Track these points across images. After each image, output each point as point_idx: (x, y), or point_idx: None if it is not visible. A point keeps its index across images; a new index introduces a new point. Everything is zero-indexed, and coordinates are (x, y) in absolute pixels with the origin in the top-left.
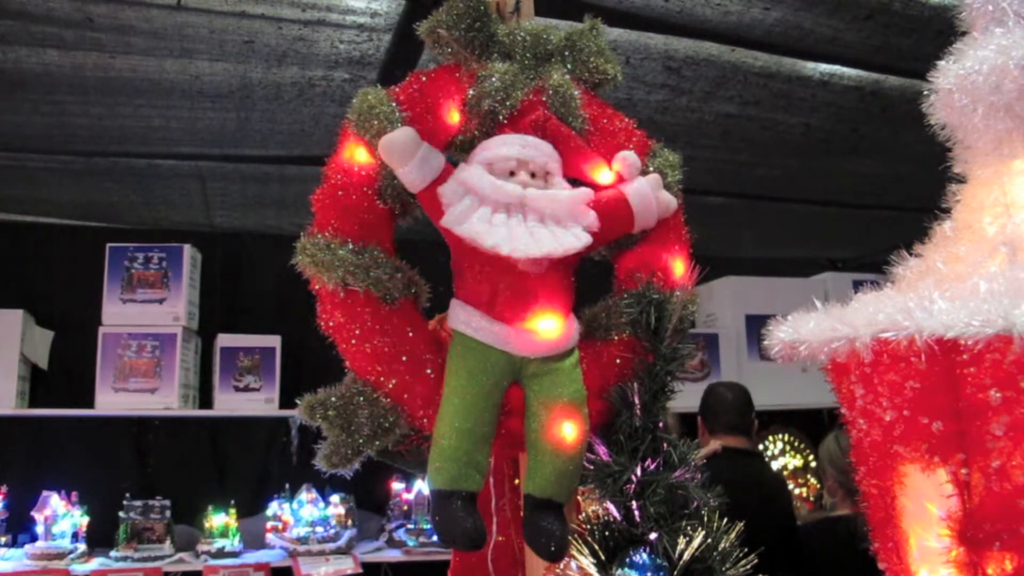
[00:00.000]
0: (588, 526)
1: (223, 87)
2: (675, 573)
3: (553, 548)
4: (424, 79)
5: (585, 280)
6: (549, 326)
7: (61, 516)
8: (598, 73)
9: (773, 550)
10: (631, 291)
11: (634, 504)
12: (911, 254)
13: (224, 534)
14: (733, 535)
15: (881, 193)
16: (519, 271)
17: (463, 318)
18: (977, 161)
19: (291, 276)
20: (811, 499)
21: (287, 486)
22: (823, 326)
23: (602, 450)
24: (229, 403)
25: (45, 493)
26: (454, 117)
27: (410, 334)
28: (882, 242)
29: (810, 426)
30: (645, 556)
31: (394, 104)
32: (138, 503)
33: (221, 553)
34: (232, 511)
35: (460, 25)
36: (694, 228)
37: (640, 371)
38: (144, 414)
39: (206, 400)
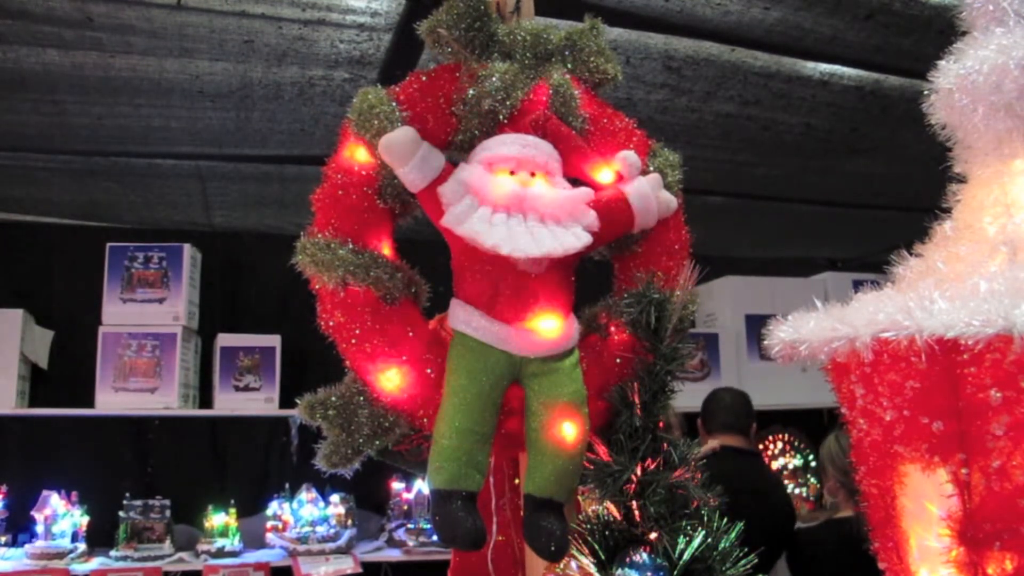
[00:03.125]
0: (588, 526)
1: (223, 87)
2: (675, 573)
3: (553, 548)
4: (424, 79)
5: (585, 280)
6: (549, 326)
7: (61, 516)
8: (598, 73)
9: (771, 548)
10: (631, 291)
11: (634, 504)
12: (911, 254)
13: (224, 534)
14: (733, 535)
15: (881, 193)
16: (519, 271)
17: (463, 318)
18: (977, 161)
19: (291, 276)
20: (811, 499)
21: (287, 486)
22: (823, 326)
23: (602, 450)
24: (229, 403)
25: (45, 493)
26: (454, 117)
27: (410, 334)
28: (882, 242)
29: (810, 426)
30: (645, 556)
31: (394, 104)
32: (138, 503)
33: (221, 553)
34: (232, 511)
35: (460, 25)
36: (694, 228)
37: (640, 371)
38: (144, 414)
39: (206, 400)
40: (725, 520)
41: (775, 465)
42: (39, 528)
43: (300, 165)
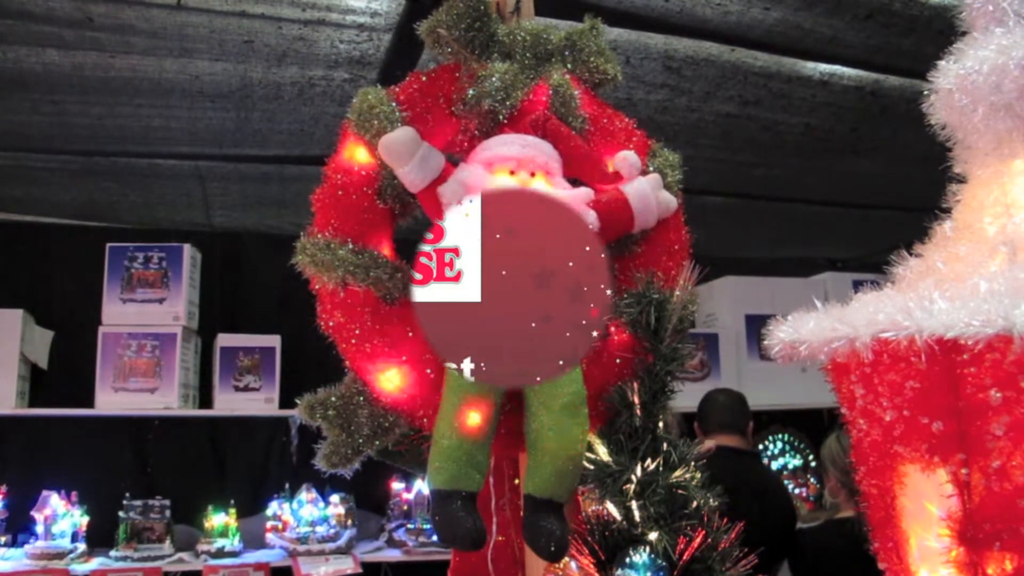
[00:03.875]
0: (588, 526)
1: (223, 87)
2: (675, 573)
3: (553, 548)
4: (424, 79)
5: None
6: None
7: (61, 516)
8: (598, 73)
9: (771, 548)
10: (631, 291)
11: (634, 504)
12: (911, 254)
13: (224, 534)
14: (733, 535)
15: (881, 193)
16: None
17: None
18: (977, 161)
19: (291, 276)
20: (811, 499)
21: (287, 486)
22: (823, 326)
23: (602, 450)
24: (229, 403)
25: (45, 493)
26: (454, 117)
27: (410, 334)
28: (882, 242)
29: (810, 426)
30: (645, 556)
31: (394, 104)
32: (138, 503)
33: (221, 553)
34: (232, 511)
35: (460, 25)
36: (694, 228)
37: (640, 371)
38: (144, 414)
39: (206, 400)
40: (725, 520)
41: (775, 465)
42: (39, 528)
43: (300, 165)
